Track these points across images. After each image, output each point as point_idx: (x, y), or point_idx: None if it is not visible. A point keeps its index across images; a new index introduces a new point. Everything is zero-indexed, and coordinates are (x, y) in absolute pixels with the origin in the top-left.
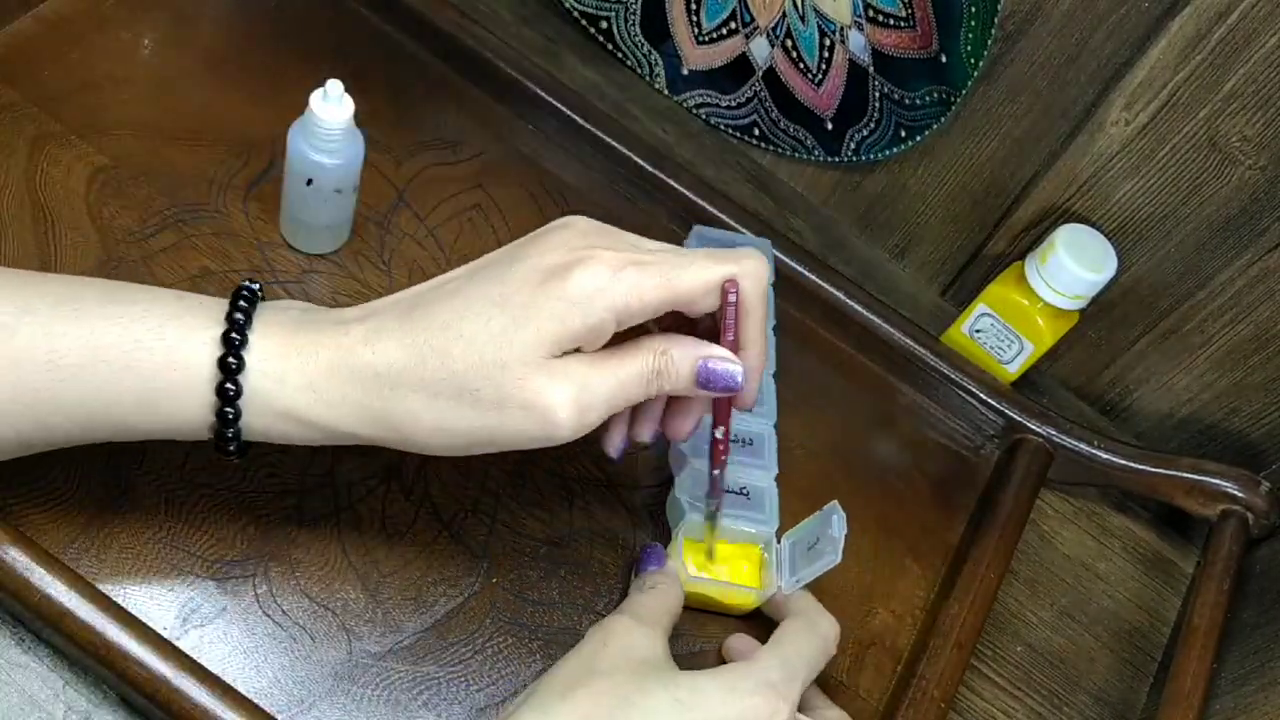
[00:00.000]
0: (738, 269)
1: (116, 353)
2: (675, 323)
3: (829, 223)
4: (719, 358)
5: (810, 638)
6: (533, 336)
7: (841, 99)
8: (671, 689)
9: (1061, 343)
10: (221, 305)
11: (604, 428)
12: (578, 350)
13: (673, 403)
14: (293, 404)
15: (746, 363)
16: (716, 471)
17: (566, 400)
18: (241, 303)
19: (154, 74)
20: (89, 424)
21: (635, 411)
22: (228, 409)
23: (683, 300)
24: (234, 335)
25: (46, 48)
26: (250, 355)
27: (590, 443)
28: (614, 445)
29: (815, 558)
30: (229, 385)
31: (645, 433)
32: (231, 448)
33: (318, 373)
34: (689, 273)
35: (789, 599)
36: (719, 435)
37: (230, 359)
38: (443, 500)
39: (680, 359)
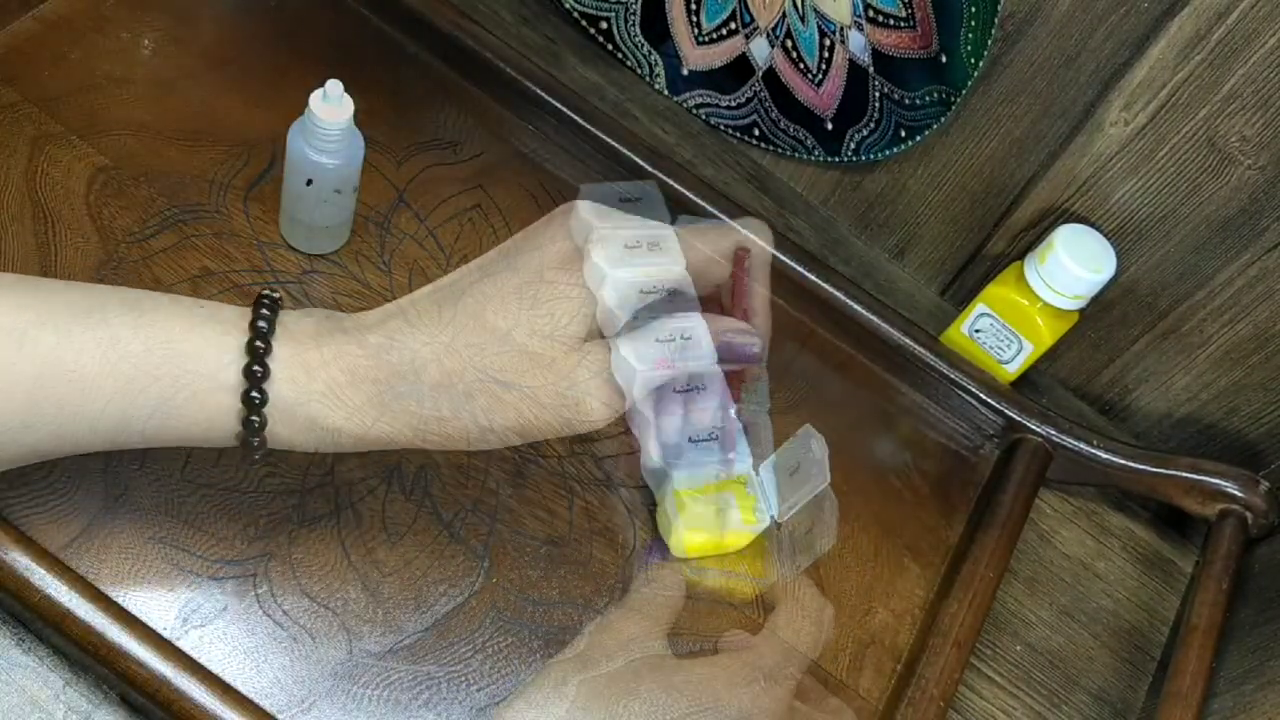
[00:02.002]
0: (744, 237)
1: (138, 362)
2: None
3: (828, 223)
4: (736, 330)
5: (804, 624)
6: (553, 325)
7: (841, 99)
8: (668, 678)
9: (1061, 343)
10: (243, 314)
11: (638, 438)
12: (600, 337)
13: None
14: (318, 412)
15: (756, 329)
16: (732, 454)
17: (595, 387)
18: (264, 310)
19: (154, 74)
20: (111, 433)
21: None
22: (254, 417)
23: (694, 273)
24: (258, 343)
25: (46, 48)
26: (275, 363)
27: (590, 441)
28: (654, 454)
29: (801, 482)
30: (255, 393)
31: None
32: (257, 456)
33: (343, 380)
34: (698, 246)
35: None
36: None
37: (256, 367)
38: (443, 500)
39: (700, 335)
